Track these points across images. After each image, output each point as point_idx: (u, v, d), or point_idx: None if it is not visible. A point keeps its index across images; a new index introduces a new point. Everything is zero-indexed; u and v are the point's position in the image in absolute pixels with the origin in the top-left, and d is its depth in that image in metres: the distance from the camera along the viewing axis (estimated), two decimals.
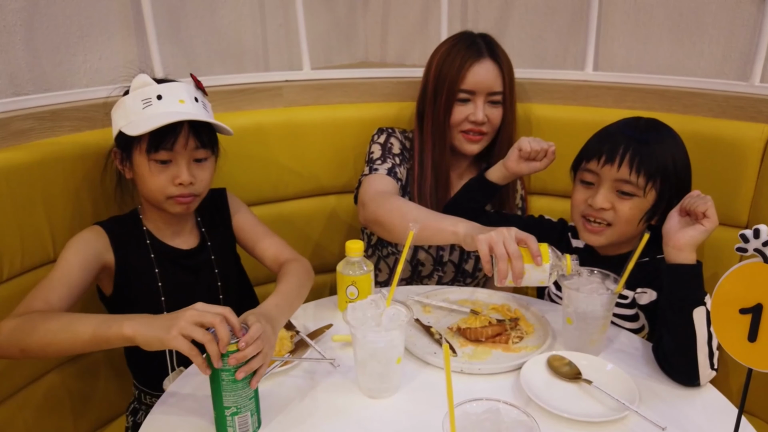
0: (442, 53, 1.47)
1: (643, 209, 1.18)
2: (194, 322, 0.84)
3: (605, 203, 1.18)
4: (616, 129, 1.23)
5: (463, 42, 1.45)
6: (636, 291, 1.20)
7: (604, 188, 1.19)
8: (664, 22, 1.63)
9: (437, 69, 1.46)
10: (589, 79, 1.65)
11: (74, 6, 1.45)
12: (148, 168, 1.14)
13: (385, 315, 0.97)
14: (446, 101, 1.44)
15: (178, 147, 1.13)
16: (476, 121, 1.44)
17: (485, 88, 1.43)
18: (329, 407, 0.95)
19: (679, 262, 1.03)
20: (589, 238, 1.23)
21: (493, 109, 1.46)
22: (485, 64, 1.42)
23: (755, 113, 1.39)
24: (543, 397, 0.92)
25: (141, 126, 1.09)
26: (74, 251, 1.13)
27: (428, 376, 1.03)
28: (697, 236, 1.03)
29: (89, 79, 1.50)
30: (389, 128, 1.57)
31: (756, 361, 0.72)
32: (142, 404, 1.32)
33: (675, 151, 1.18)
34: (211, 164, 1.22)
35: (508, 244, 1.03)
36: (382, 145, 1.53)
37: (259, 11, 1.86)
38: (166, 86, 1.13)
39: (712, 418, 0.92)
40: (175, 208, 1.19)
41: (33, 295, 1.05)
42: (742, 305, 0.72)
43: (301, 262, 1.25)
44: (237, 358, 0.83)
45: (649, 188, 1.16)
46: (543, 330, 1.14)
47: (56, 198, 1.26)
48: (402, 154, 1.52)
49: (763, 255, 0.69)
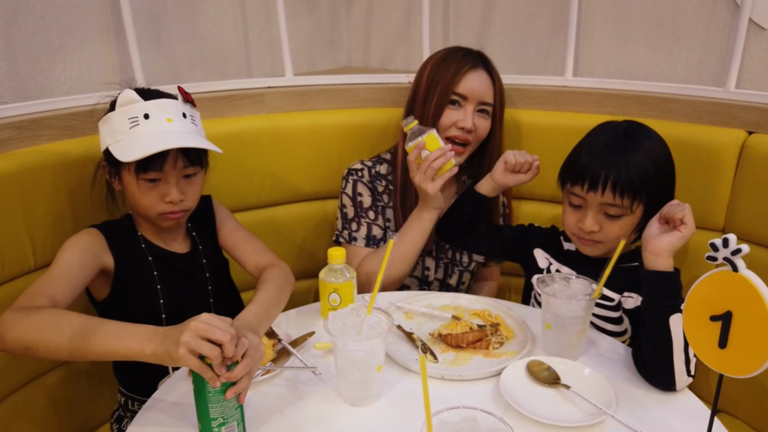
0: (437, 60, 1.47)
1: (633, 224, 1.20)
2: (201, 336, 0.82)
3: (594, 226, 1.20)
4: (594, 146, 1.21)
5: (459, 51, 1.47)
6: (623, 294, 1.21)
7: (592, 212, 1.20)
8: (642, 28, 1.66)
9: (431, 73, 1.45)
10: (569, 85, 1.67)
11: (53, 14, 1.44)
12: (136, 186, 1.14)
13: (366, 323, 0.97)
14: (437, 104, 1.43)
15: (167, 168, 1.14)
16: (464, 127, 1.43)
17: (477, 96, 1.43)
18: (311, 415, 0.96)
19: (657, 268, 1.05)
20: (585, 250, 1.26)
21: (482, 120, 1.45)
22: (480, 73, 1.44)
23: (731, 119, 1.42)
24: (521, 403, 0.93)
25: (128, 150, 1.08)
26: (74, 250, 1.12)
27: (409, 383, 1.03)
28: (674, 242, 1.05)
29: (69, 88, 1.49)
30: (357, 170, 1.52)
31: (726, 367, 0.73)
32: (127, 411, 1.32)
33: (654, 155, 1.18)
34: (201, 178, 1.23)
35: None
36: (352, 198, 1.51)
37: (241, 17, 1.86)
38: (154, 104, 1.12)
39: (687, 422, 0.94)
40: (165, 223, 1.21)
41: (36, 289, 1.02)
42: (712, 312, 0.73)
43: (280, 267, 1.26)
44: (228, 377, 0.83)
45: (636, 205, 1.17)
46: (523, 335, 1.15)
47: (36, 208, 1.25)
48: (373, 203, 1.51)
49: (732, 264, 0.70)
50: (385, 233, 1.51)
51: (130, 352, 0.86)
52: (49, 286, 1.03)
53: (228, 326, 0.84)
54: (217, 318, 0.85)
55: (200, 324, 0.82)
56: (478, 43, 1.92)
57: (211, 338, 0.82)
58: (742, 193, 1.37)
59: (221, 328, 0.83)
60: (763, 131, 1.37)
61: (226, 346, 0.82)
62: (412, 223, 1.42)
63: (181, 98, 1.17)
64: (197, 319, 0.83)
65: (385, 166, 1.55)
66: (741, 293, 0.70)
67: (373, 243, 1.49)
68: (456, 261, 1.57)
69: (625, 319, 1.22)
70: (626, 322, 1.22)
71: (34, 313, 0.94)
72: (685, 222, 1.05)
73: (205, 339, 0.81)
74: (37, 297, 1.00)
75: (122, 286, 1.20)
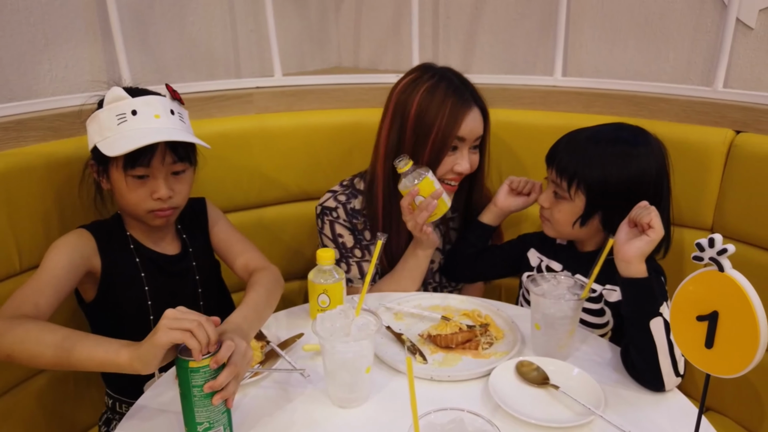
0: (423, 94, 1.31)
1: (573, 213, 1.22)
2: (175, 318, 0.84)
3: (545, 202, 1.27)
4: (581, 133, 1.25)
5: (445, 84, 1.32)
6: (605, 287, 1.22)
7: (548, 189, 1.27)
8: (631, 28, 1.66)
9: (420, 113, 1.31)
10: (558, 85, 1.68)
11: (39, 13, 1.43)
12: (125, 183, 1.14)
13: (354, 325, 0.97)
14: (435, 150, 1.31)
15: (155, 163, 1.13)
16: (462, 172, 1.35)
17: (474, 136, 1.35)
18: (299, 418, 0.95)
19: (630, 275, 1.05)
20: (544, 228, 1.31)
21: (475, 156, 1.39)
22: (475, 111, 1.33)
23: (719, 118, 1.42)
24: (510, 404, 0.93)
25: (115, 146, 1.08)
26: (61, 254, 1.11)
27: (399, 384, 1.03)
28: (643, 247, 1.04)
29: (55, 88, 1.48)
30: (331, 209, 1.42)
31: (713, 367, 0.73)
32: (116, 414, 1.31)
33: (613, 163, 1.15)
34: (190, 175, 1.22)
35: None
36: (333, 240, 1.42)
37: (229, 17, 1.85)
38: (141, 101, 1.12)
39: (676, 421, 0.94)
40: (154, 221, 1.19)
41: (21, 297, 1.02)
42: (699, 312, 0.73)
43: (270, 271, 1.25)
44: (212, 386, 0.83)
45: (574, 192, 1.19)
46: (512, 335, 1.15)
47: (22, 209, 1.24)
48: (356, 242, 1.43)
49: (718, 263, 0.71)
50: (377, 268, 1.45)
51: (105, 358, 0.88)
52: (34, 293, 1.04)
53: (198, 317, 0.85)
54: (189, 311, 0.86)
55: (175, 312, 0.86)
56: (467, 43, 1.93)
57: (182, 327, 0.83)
58: (731, 192, 1.37)
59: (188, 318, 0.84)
60: (751, 130, 1.38)
61: (195, 332, 0.83)
62: (408, 262, 1.39)
63: (168, 96, 1.17)
64: (170, 309, 0.86)
65: (360, 200, 1.44)
66: (727, 293, 0.70)
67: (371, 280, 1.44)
68: (444, 283, 1.54)
69: (607, 311, 1.23)
70: (608, 314, 1.23)
71: (19, 323, 0.95)
72: (653, 225, 1.03)
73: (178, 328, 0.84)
74: (22, 305, 1.01)
75: (109, 287, 1.19)
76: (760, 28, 1.46)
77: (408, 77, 1.37)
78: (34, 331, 0.94)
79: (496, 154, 1.66)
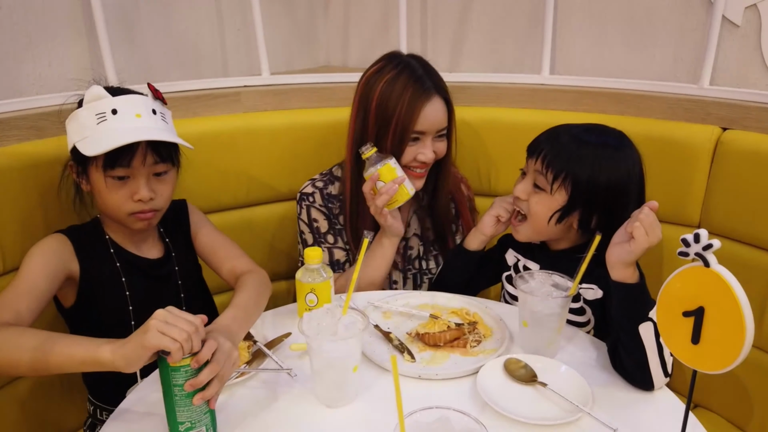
0: (384, 85, 1.34)
1: (551, 207, 1.19)
2: (166, 322, 0.83)
3: (521, 193, 1.23)
4: (564, 128, 1.23)
5: (405, 75, 1.34)
6: (581, 285, 1.19)
7: (527, 179, 1.23)
8: (618, 26, 1.67)
9: (381, 104, 1.33)
10: (546, 83, 1.68)
11: (21, 12, 1.41)
12: (104, 184, 1.11)
13: (341, 324, 0.96)
14: (395, 142, 1.34)
15: (135, 163, 1.10)
16: (426, 161, 1.38)
17: (435, 127, 1.36)
18: (286, 418, 0.94)
19: (618, 279, 1.03)
20: (514, 233, 1.29)
21: (438, 143, 1.39)
22: (435, 103, 1.34)
23: (705, 115, 1.43)
24: (498, 401, 0.93)
25: (94, 145, 1.05)
26: (39, 260, 1.09)
27: (386, 383, 1.02)
28: (623, 255, 1.02)
29: (39, 87, 1.46)
30: (308, 194, 1.46)
31: (699, 363, 0.73)
32: (97, 420, 1.29)
33: (599, 163, 1.15)
34: (172, 177, 1.20)
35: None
36: (308, 225, 1.46)
37: (216, 15, 1.84)
38: (122, 99, 1.10)
39: (663, 418, 0.94)
40: (136, 224, 1.17)
41: (1, 304, 1.01)
42: (685, 308, 0.73)
43: (258, 274, 1.24)
44: (192, 384, 0.82)
45: (557, 186, 1.17)
46: (501, 333, 1.15)
47: (4, 210, 1.22)
48: (330, 227, 1.47)
49: (704, 259, 0.70)
50: (348, 255, 1.47)
51: (86, 356, 0.86)
52: (14, 300, 1.02)
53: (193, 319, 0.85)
54: (181, 312, 0.85)
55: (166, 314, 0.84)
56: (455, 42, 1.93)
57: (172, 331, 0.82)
58: (717, 188, 1.38)
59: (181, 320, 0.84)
60: (738, 127, 1.39)
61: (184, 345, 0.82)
62: (374, 251, 1.42)
63: (150, 95, 1.14)
64: (159, 310, 0.84)
65: (337, 186, 1.48)
66: (713, 289, 0.70)
67: (338, 267, 1.46)
68: (424, 270, 1.54)
69: (587, 309, 1.22)
70: (588, 312, 1.22)
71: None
72: (634, 236, 1.00)
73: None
74: (2, 313, 0.99)
75: (88, 292, 1.17)
76: (746, 25, 1.47)
77: (374, 66, 1.41)
78: (12, 337, 0.92)
79: (483, 152, 1.66)
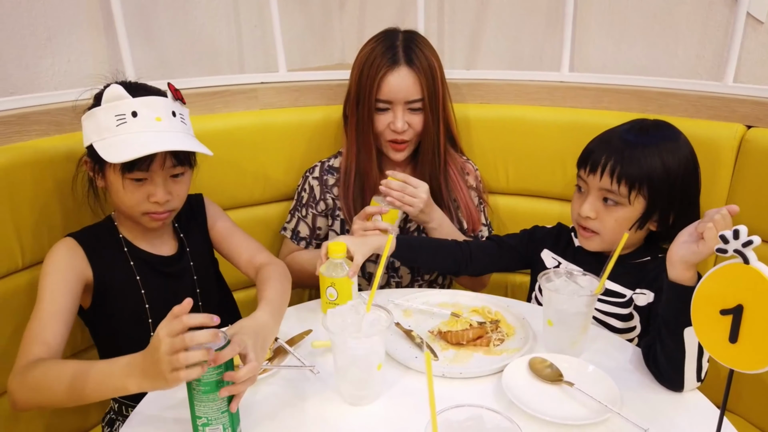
0: (362, 56, 1.42)
1: (631, 218, 1.16)
2: (174, 351, 0.77)
3: (590, 212, 1.18)
4: (610, 135, 1.20)
5: (382, 46, 1.39)
6: (635, 291, 1.18)
7: (591, 197, 1.19)
8: (639, 23, 1.65)
9: (359, 74, 1.41)
10: (565, 80, 1.66)
11: (40, 7, 1.41)
12: (121, 185, 1.10)
13: (365, 320, 0.95)
14: (367, 111, 1.40)
15: (154, 167, 1.10)
16: (396, 130, 1.40)
17: (402, 97, 1.38)
18: (309, 415, 0.93)
19: (676, 278, 0.97)
20: (583, 242, 1.25)
21: (413, 116, 1.41)
22: (400, 72, 1.37)
23: (729, 113, 1.41)
24: (525, 400, 0.92)
25: (112, 151, 1.04)
26: (55, 277, 1.08)
27: (410, 381, 1.01)
28: (687, 256, 0.95)
29: (58, 82, 1.46)
30: (312, 168, 1.55)
31: (737, 362, 0.71)
32: (119, 416, 1.28)
33: (668, 155, 1.13)
34: (188, 177, 1.19)
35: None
36: (298, 193, 1.56)
37: (233, 12, 1.83)
38: (142, 102, 1.08)
39: (694, 420, 0.92)
40: (150, 223, 1.16)
41: (29, 338, 1.01)
42: (722, 306, 0.72)
43: (279, 266, 1.24)
44: (214, 361, 0.80)
45: (635, 196, 1.14)
46: (524, 332, 1.13)
47: (24, 204, 1.22)
48: (309, 201, 1.53)
49: (743, 256, 0.69)
50: (313, 233, 1.53)
51: (117, 393, 0.87)
52: (41, 331, 1.02)
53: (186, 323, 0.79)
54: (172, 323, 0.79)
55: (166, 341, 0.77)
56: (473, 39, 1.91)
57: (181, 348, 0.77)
58: (741, 187, 1.36)
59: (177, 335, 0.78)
60: (762, 125, 1.37)
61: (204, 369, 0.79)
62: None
63: (170, 95, 1.13)
64: (157, 337, 0.79)
65: (339, 159, 1.54)
66: (752, 286, 0.68)
67: (296, 239, 1.53)
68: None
69: (636, 316, 1.18)
70: (636, 319, 1.18)
71: (31, 376, 0.94)
72: (704, 238, 0.94)
73: (183, 348, 0.78)
74: (32, 348, 1.00)
75: (104, 294, 1.17)
76: None
77: (368, 41, 1.46)
78: (45, 377, 0.93)
79: (501, 149, 1.65)
